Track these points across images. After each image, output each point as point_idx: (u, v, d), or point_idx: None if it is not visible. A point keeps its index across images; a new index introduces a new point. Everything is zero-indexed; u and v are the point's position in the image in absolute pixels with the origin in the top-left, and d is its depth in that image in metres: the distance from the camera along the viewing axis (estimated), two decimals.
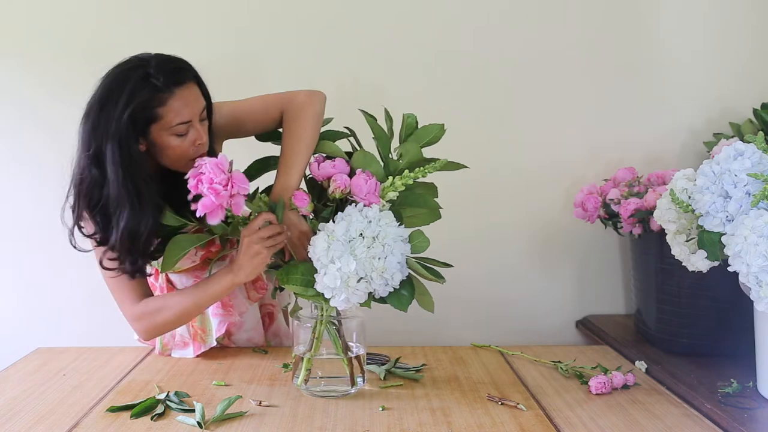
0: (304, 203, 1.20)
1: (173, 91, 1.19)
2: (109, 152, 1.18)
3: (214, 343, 1.47)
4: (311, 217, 1.22)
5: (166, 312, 1.30)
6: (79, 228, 1.26)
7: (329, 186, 1.21)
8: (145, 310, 1.30)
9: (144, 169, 1.22)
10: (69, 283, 1.97)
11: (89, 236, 1.26)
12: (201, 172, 1.12)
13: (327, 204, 1.24)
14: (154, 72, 1.19)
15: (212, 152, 1.33)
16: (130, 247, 1.22)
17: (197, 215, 1.13)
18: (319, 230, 1.16)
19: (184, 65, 1.24)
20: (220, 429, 1.10)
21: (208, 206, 1.12)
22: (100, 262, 1.27)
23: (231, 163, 1.16)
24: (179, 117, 1.20)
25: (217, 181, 1.11)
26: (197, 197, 1.13)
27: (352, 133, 1.33)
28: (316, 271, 1.14)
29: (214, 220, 1.13)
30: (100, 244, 1.26)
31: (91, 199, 1.22)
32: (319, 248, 1.12)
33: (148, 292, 1.34)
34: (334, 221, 1.15)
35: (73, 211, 1.26)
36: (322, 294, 1.13)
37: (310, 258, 1.16)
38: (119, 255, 1.24)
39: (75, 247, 1.27)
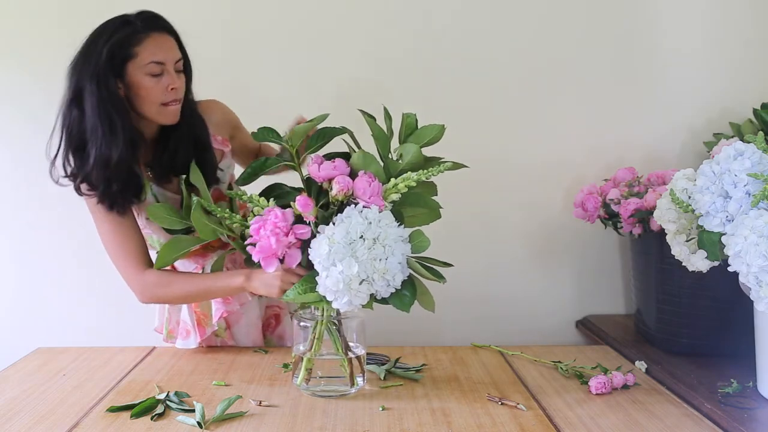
0: (308, 208, 1.18)
1: (149, 33, 1.28)
2: (88, 90, 1.26)
3: (215, 327, 1.49)
4: (315, 221, 1.21)
5: (172, 288, 1.35)
6: (63, 163, 1.32)
7: (331, 188, 1.20)
8: (152, 281, 1.35)
9: (120, 104, 1.28)
10: (69, 283, 1.97)
11: (69, 175, 1.31)
12: (266, 219, 1.17)
13: (330, 206, 1.23)
14: (133, 18, 1.29)
15: (195, 115, 1.39)
16: (104, 173, 1.28)
17: (253, 259, 1.18)
18: (318, 232, 1.16)
19: (163, 19, 1.33)
20: (220, 429, 1.10)
21: (266, 250, 1.16)
22: (78, 190, 1.32)
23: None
24: (153, 56, 1.28)
25: (280, 226, 1.15)
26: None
27: (350, 133, 1.33)
28: (317, 273, 1.14)
29: (269, 267, 1.17)
30: (80, 180, 1.31)
31: (71, 136, 1.30)
32: (321, 252, 1.12)
33: (149, 261, 1.38)
34: (333, 223, 1.15)
35: (57, 151, 1.32)
36: (324, 297, 1.13)
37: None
38: (95, 182, 1.29)
39: (56, 181, 1.32)
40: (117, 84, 1.28)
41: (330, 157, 1.25)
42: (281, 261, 1.18)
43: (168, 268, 1.42)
